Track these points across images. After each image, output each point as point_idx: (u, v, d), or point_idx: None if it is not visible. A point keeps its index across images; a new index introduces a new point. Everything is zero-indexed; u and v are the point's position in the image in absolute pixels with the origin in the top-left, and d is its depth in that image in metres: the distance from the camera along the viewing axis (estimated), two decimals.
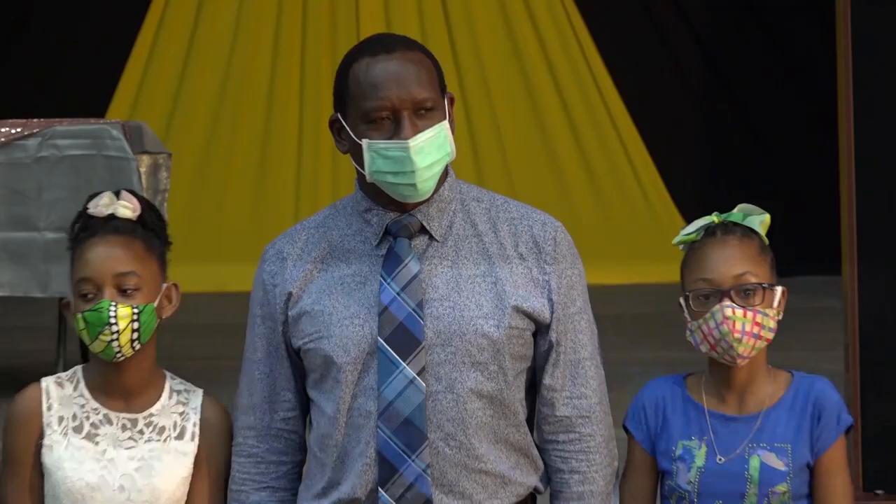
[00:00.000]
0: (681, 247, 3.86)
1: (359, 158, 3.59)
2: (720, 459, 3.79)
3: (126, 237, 3.73)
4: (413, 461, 3.57)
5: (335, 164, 9.08)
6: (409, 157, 3.51)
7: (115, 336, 3.64)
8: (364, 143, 3.55)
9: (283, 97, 9.72)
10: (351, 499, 3.61)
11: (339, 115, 3.61)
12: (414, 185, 3.54)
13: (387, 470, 3.58)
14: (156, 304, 3.72)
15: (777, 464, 3.76)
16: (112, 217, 3.74)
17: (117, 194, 3.82)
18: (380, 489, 3.58)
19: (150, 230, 3.80)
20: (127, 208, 3.75)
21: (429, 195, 3.61)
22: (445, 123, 3.57)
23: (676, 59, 9.93)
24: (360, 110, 3.56)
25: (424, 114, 3.55)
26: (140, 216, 3.77)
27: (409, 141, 3.50)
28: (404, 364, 3.58)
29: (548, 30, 9.90)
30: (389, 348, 3.57)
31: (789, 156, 8.93)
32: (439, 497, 3.60)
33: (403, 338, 3.60)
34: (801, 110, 9.19)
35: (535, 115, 9.84)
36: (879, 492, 4.05)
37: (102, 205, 3.77)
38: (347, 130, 3.62)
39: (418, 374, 3.57)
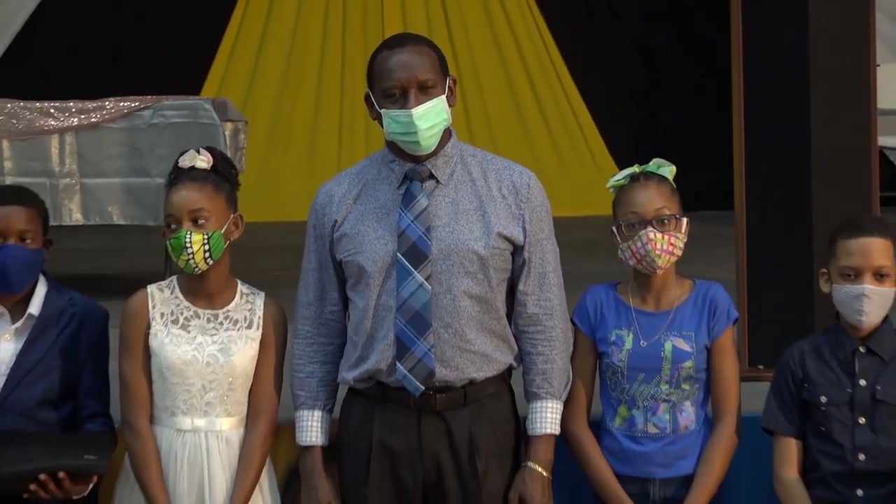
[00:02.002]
0: (611, 190, 3.94)
1: (381, 123, 3.68)
2: (643, 343, 3.89)
3: (199, 182, 3.80)
4: (421, 343, 3.64)
5: (367, 128, 8.99)
6: (413, 121, 3.61)
7: (190, 256, 3.74)
8: (383, 112, 3.66)
9: (329, 78, 9.60)
10: (376, 369, 3.68)
11: (369, 91, 3.71)
12: (417, 142, 3.64)
13: (402, 349, 3.65)
14: (223, 230, 3.79)
15: (684, 346, 3.88)
16: (192, 168, 3.83)
17: (199, 151, 3.88)
18: (397, 363, 3.64)
19: (221, 176, 3.87)
20: (203, 161, 3.85)
21: (432, 150, 3.69)
22: (443, 97, 3.66)
23: (614, 48, 9.76)
24: (379, 88, 3.68)
25: (426, 91, 3.63)
26: (213, 166, 3.86)
27: (413, 110, 3.61)
28: (416, 272, 3.65)
29: (518, 25, 9.77)
30: (405, 261, 3.65)
31: (695, 119, 8.81)
32: (440, 370, 3.65)
33: (415, 253, 3.65)
34: (704, 86, 9.08)
35: (511, 95, 9.72)
36: (760, 366, 3.95)
37: (187, 159, 3.86)
38: (374, 103, 3.68)
39: (426, 280, 3.65)
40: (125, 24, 9.65)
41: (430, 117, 3.63)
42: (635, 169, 3.92)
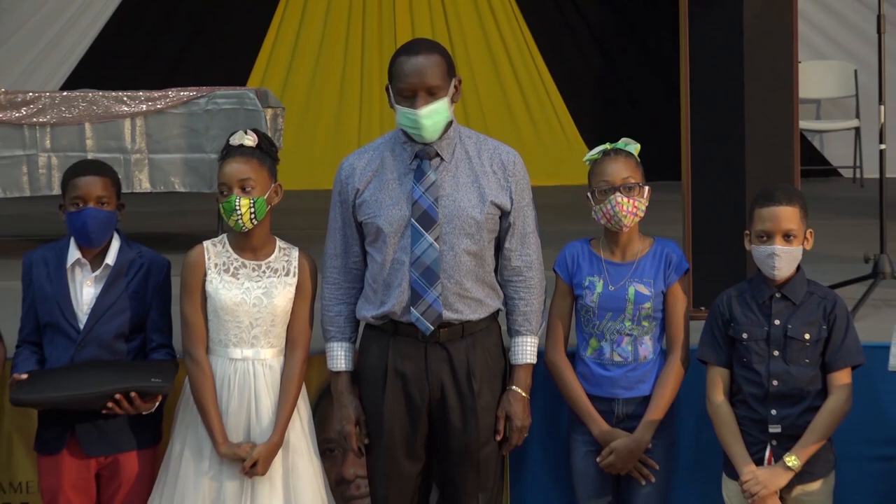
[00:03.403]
0: (587, 162, 3.87)
1: (392, 109, 3.68)
2: (611, 288, 3.84)
3: (246, 157, 3.76)
4: (431, 291, 3.61)
5: (381, 112, 8.88)
6: (419, 119, 3.58)
7: (239, 217, 3.71)
8: (397, 107, 3.64)
9: (351, 71, 9.45)
10: (391, 311, 3.64)
11: (388, 84, 3.67)
12: (422, 135, 3.62)
13: (415, 296, 3.62)
14: (266, 196, 3.76)
15: (644, 291, 3.84)
16: (241, 145, 3.80)
17: (246, 132, 3.85)
18: (411, 307, 3.61)
19: (263, 152, 3.83)
20: (249, 140, 3.82)
21: (435, 137, 3.64)
22: (446, 99, 3.61)
23: (580, 45, 9.63)
24: (395, 87, 3.64)
25: (432, 94, 3.59)
26: (258, 144, 3.82)
27: (419, 111, 3.57)
28: (427, 234, 3.62)
29: (504, 27, 9.64)
30: (418, 225, 3.62)
31: (647, 103, 8.70)
32: (446, 313, 3.62)
33: (426, 219, 3.61)
34: (655, 76, 8.95)
35: (499, 84, 9.60)
36: (702, 308, 3.86)
37: (236, 138, 3.84)
38: (391, 96, 3.66)
39: (434, 240, 3.61)
40: (187, 27, 9.52)
41: (432, 116, 3.58)
42: (607, 146, 3.86)
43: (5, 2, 9.28)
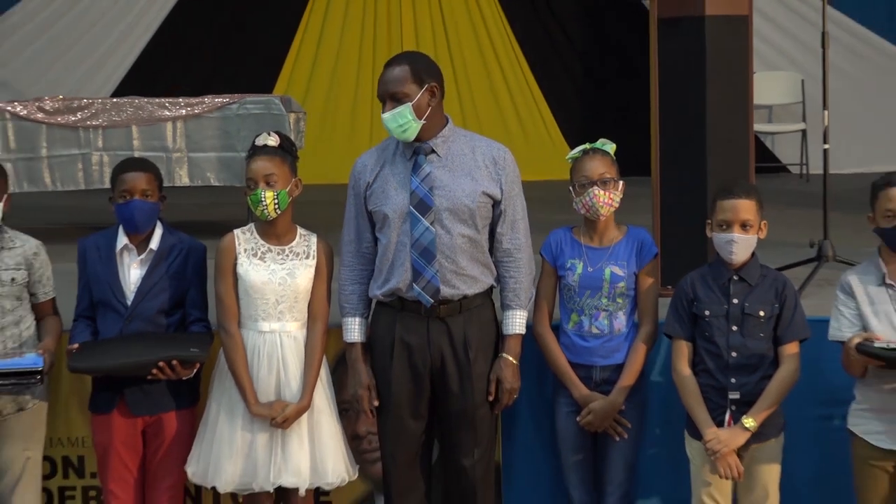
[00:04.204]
0: (569, 160, 3.89)
1: None
2: (590, 269, 3.83)
3: (270, 155, 3.75)
4: (429, 269, 3.59)
5: None
6: (385, 122, 3.58)
7: (264, 207, 3.71)
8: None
9: (364, 79, 9.39)
10: (396, 287, 3.62)
11: None
12: (394, 135, 3.61)
13: (416, 273, 3.60)
14: (287, 189, 3.74)
15: (619, 272, 3.83)
16: (265, 145, 3.77)
17: (269, 133, 3.82)
18: (413, 284, 3.59)
19: (285, 151, 3.80)
20: (272, 140, 3.80)
21: (412, 139, 3.59)
22: (409, 105, 3.55)
23: (562, 56, 9.57)
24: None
25: (396, 100, 3.56)
26: (280, 144, 3.79)
27: (384, 114, 3.58)
28: (423, 219, 3.59)
29: (494, 36, 9.59)
30: (416, 211, 3.59)
31: (621, 107, 8.64)
32: (443, 288, 3.59)
33: (422, 206, 3.58)
34: (629, 83, 8.88)
35: (490, 88, 9.55)
36: (669, 287, 3.85)
37: (261, 139, 3.82)
38: None
39: (431, 224, 3.59)
40: (221, 41, 9.46)
41: (396, 119, 3.53)
42: (587, 146, 3.84)
43: (63, 21, 9.29)
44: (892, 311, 3.55)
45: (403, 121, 3.54)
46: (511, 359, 3.64)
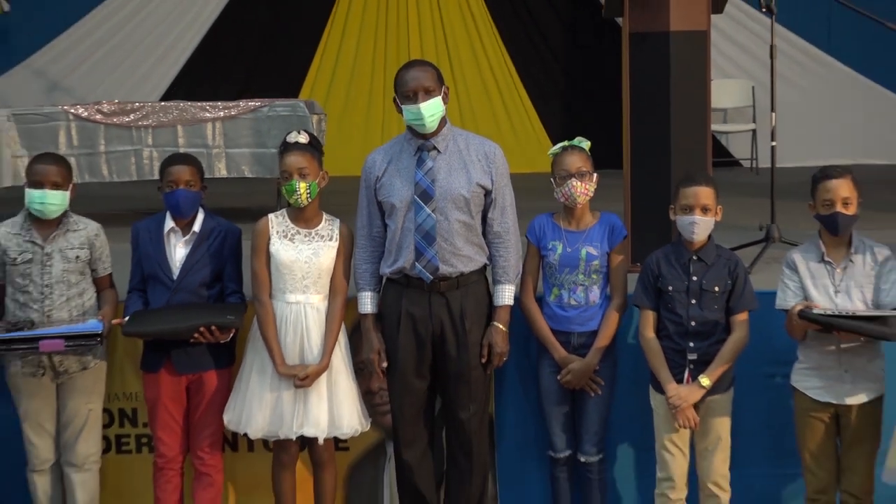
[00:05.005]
0: (551, 155, 3.86)
1: (403, 115, 3.60)
2: (568, 250, 3.82)
3: (302, 150, 3.72)
4: (430, 250, 3.58)
5: (399, 116, 8.82)
6: (421, 111, 3.52)
7: (298, 196, 3.69)
8: (403, 107, 3.57)
9: (376, 84, 9.35)
10: (402, 266, 3.60)
11: (395, 96, 3.60)
12: (424, 125, 3.56)
13: (418, 254, 3.59)
14: (317, 181, 3.69)
15: (593, 252, 3.82)
16: (297, 142, 3.73)
17: (299, 132, 3.79)
18: (416, 263, 3.57)
19: (314, 147, 3.78)
20: (303, 138, 3.79)
21: (434, 130, 3.58)
22: (439, 98, 3.56)
23: (546, 67, 9.51)
24: (400, 92, 3.58)
25: (428, 93, 3.53)
26: (309, 142, 3.76)
27: (421, 104, 3.51)
28: (425, 207, 3.57)
29: (487, 47, 9.53)
30: (419, 200, 3.57)
31: (600, 110, 8.58)
32: (442, 267, 3.57)
33: (425, 195, 3.56)
34: (603, 89, 8.83)
35: (484, 92, 9.51)
36: (638, 264, 3.83)
37: (292, 136, 3.80)
38: (397, 103, 3.59)
39: (432, 212, 3.57)
40: (253, 52, 9.42)
41: (431, 109, 3.51)
42: (566, 143, 3.82)
43: (119, 36, 9.27)
44: (830, 284, 3.56)
45: (437, 110, 3.52)
46: (501, 326, 3.62)
